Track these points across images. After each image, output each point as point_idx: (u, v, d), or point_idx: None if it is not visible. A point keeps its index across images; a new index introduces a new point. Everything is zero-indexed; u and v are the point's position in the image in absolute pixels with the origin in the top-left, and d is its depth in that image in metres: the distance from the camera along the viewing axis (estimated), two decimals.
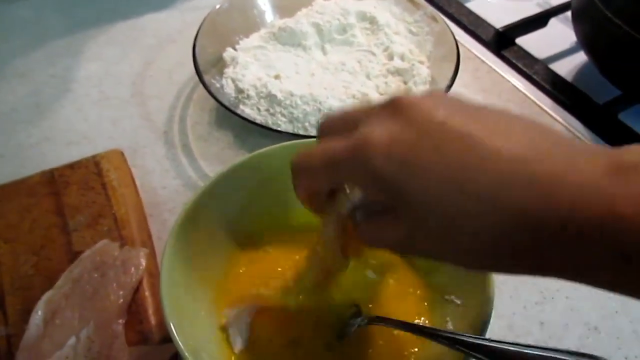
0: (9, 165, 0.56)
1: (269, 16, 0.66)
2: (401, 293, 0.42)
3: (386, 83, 0.58)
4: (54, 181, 0.51)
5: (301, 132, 0.53)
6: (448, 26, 0.61)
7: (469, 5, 0.75)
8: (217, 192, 0.42)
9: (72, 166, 0.52)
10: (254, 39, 0.63)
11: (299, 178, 0.32)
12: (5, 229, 0.47)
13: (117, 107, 0.61)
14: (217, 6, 0.62)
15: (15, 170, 0.54)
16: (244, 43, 0.63)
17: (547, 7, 0.74)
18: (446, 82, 0.55)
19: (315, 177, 0.31)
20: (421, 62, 0.59)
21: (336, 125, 0.31)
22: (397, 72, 0.59)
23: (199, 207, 0.41)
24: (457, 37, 0.60)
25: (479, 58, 0.67)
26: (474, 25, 0.72)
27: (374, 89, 0.58)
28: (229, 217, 0.44)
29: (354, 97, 0.56)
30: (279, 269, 0.44)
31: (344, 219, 0.33)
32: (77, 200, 0.49)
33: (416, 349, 0.39)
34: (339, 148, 0.29)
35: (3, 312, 0.42)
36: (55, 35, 0.70)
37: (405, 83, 0.58)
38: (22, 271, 0.45)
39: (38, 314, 0.41)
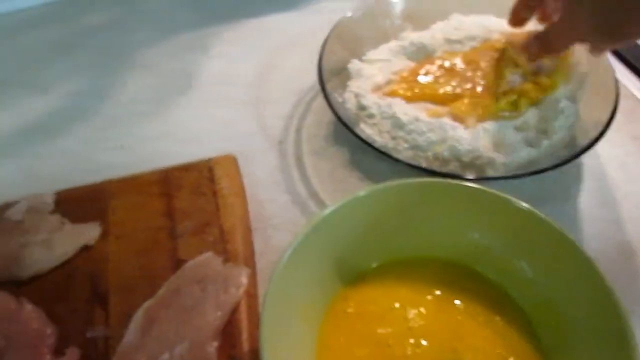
0: (127, 157, 0.56)
1: (402, 28, 0.61)
2: None
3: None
4: (167, 181, 0.51)
5: (422, 164, 0.49)
6: (607, 59, 0.54)
7: None
8: (330, 224, 0.40)
9: (186, 168, 0.52)
10: (382, 52, 0.60)
11: None
12: (117, 226, 0.48)
13: (234, 109, 0.60)
14: (349, 13, 0.59)
15: (133, 163, 0.55)
16: (371, 55, 0.59)
17: None
18: (596, 129, 0.48)
19: None
20: (572, 101, 0.52)
21: None
22: (539, 102, 0.53)
23: (311, 238, 0.39)
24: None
25: (636, 97, 0.59)
26: (635, 58, 0.63)
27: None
28: (337, 251, 0.41)
29: (486, 129, 0.50)
30: (396, 305, 0.41)
31: None
32: (186, 205, 0.49)
33: None
34: None
35: (106, 312, 0.43)
36: (183, 29, 0.71)
37: (546, 119, 0.51)
38: (128, 272, 0.45)
39: (137, 322, 0.41)
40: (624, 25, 0.39)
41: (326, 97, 0.52)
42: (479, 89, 0.52)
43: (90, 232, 0.47)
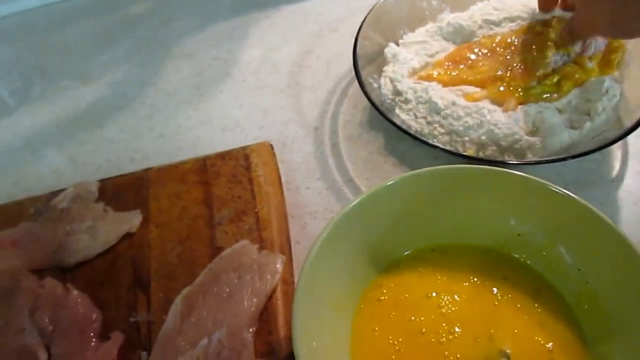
0: (168, 146, 0.58)
1: (440, 9, 0.60)
2: None
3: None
4: (205, 170, 0.52)
5: (459, 149, 0.48)
6: None
7: None
8: (364, 211, 0.40)
9: (223, 156, 0.52)
10: (419, 34, 0.58)
11: None
12: (158, 214, 0.49)
13: (271, 96, 0.61)
14: None
15: (173, 151, 0.57)
16: (408, 38, 0.58)
17: None
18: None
19: None
20: (616, 80, 0.50)
21: None
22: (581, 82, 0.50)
23: (343, 225, 0.39)
24: None
25: None
26: None
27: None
28: (371, 238, 0.41)
29: (526, 112, 0.49)
30: (433, 294, 0.40)
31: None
32: (224, 193, 0.50)
33: None
34: None
35: (147, 297, 0.44)
36: (222, 16, 0.72)
37: (589, 100, 0.49)
38: (168, 259, 0.46)
39: (177, 308, 0.42)
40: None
41: (360, 83, 0.52)
42: (518, 71, 0.50)
43: (132, 220, 0.48)
